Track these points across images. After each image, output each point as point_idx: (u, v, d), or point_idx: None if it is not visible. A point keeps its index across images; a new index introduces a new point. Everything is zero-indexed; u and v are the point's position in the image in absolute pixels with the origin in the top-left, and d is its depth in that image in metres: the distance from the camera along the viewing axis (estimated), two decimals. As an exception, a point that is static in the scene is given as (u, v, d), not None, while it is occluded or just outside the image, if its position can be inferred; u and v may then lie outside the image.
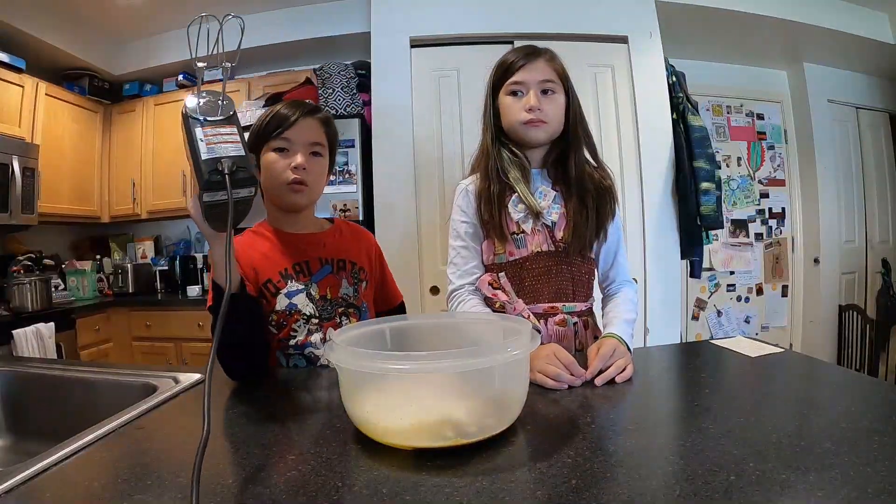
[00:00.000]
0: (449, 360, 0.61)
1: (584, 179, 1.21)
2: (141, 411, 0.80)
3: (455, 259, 1.26)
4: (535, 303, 1.18)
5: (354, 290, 1.19)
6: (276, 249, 1.14)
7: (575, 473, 0.55)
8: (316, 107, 1.18)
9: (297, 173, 1.09)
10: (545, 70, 1.17)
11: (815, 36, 3.26)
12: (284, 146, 1.10)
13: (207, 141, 0.78)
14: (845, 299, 3.76)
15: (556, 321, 1.18)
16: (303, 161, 1.09)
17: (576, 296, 1.21)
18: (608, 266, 1.28)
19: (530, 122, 1.16)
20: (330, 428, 0.73)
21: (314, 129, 1.13)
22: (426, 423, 0.63)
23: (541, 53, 1.19)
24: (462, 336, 0.88)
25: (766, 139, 3.76)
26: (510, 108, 1.19)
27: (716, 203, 2.58)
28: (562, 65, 1.21)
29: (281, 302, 1.10)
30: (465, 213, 1.25)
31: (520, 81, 1.17)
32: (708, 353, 1.08)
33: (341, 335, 0.75)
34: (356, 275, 1.20)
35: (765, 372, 0.94)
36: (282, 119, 1.10)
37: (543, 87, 1.16)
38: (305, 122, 1.12)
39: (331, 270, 1.17)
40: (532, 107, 1.15)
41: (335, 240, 1.22)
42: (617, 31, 2.72)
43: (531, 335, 0.70)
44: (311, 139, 1.12)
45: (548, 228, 1.19)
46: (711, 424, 0.67)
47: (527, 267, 1.19)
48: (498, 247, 1.21)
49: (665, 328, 2.65)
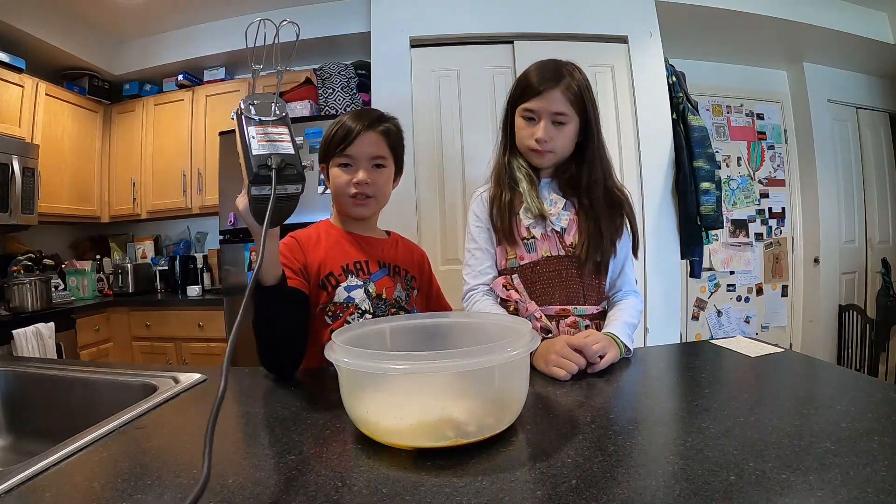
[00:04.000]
0: (449, 360, 0.61)
1: (596, 196, 1.22)
2: (141, 411, 0.80)
3: (470, 261, 1.29)
4: (547, 305, 1.21)
5: (406, 295, 1.25)
6: (340, 246, 1.20)
7: (575, 473, 0.55)
8: (378, 118, 1.21)
9: (359, 188, 1.15)
10: (559, 102, 1.16)
11: (815, 36, 3.26)
12: (347, 162, 1.16)
13: (259, 138, 0.80)
14: (845, 299, 3.76)
15: (567, 323, 1.20)
16: (364, 177, 1.14)
17: (587, 299, 1.23)
18: (616, 276, 1.30)
19: (536, 150, 1.20)
20: (330, 428, 0.73)
21: (375, 143, 1.17)
22: (426, 422, 0.63)
23: (559, 82, 1.16)
24: (463, 335, 0.88)
25: (766, 139, 3.77)
26: (521, 132, 1.23)
27: (716, 203, 2.58)
28: (580, 88, 1.18)
29: (340, 294, 1.15)
30: (479, 217, 1.29)
31: (533, 109, 1.18)
32: (708, 353, 1.08)
33: (341, 335, 0.75)
34: (409, 282, 1.27)
35: (764, 372, 0.94)
36: (344, 135, 1.15)
37: (555, 119, 1.18)
38: (366, 137, 1.15)
39: (387, 273, 1.23)
40: (539, 139, 1.18)
41: (393, 249, 1.29)
42: (617, 31, 2.72)
43: (531, 335, 0.70)
44: (372, 153, 1.16)
45: (557, 234, 1.22)
46: (711, 424, 0.67)
47: (538, 271, 1.21)
48: (510, 252, 1.24)
49: (665, 328, 2.66)
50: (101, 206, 3.59)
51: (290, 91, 2.95)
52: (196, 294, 3.31)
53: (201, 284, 3.43)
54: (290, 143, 0.82)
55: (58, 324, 2.67)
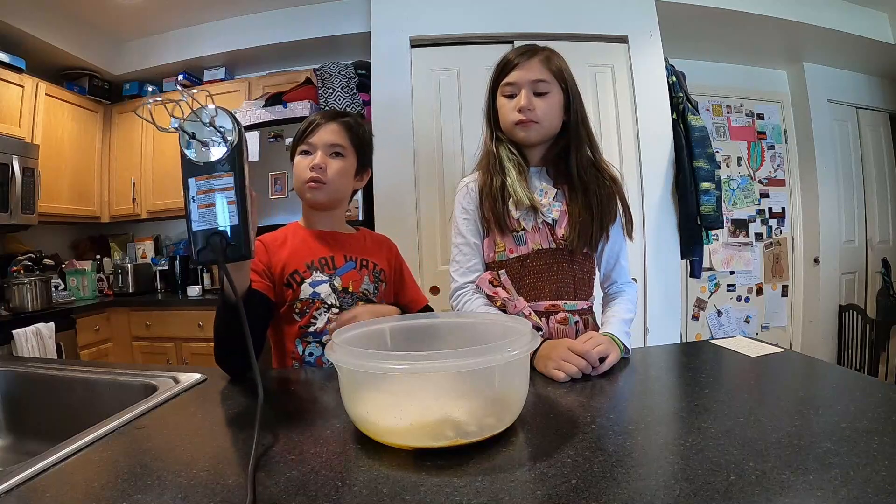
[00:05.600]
0: (449, 360, 0.61)
1: (586, 178, 1.20)
2: (141, 411, 0.80)
3: (457, 257, 1.26)
4: (536, 300, 1.18)
5: (374, 288, 1.27)
6: (306, 244, 1.24)
7: (575, 473, 0.55)
8: (341, 113, 1.28)
9: (314, 172, 1.19)
10: (538, 70, 1.16)
11: (815, 35, 3.26)
12: (308, 149, 1.23)
13: (199, 201, 0.70)
14: (845, 299, 3.76)
15: (557, 319, 1.18)
16: (319, 161, 1.19)
17: (577, 294, 1.21)
18: (610, 267, 1.28)
19: (521, 122, 1.16)
20: (330, 428, 0.73)
21: (333, 132, 1.23)
22: (426, 422, 0.62)
23: (536, 53, 1.18)
24: (463, 335, 0.88)
25: (766, 139, 3.76)
26: (504, 109, 1.20)
27: (716, 203, 2.58)
28: (560, 63, 1.19)
29: (305, 290, 1.18)
30: (466, 210, 1.25)
31: (512, 82, 1.17)
32: (708, 353, 1.08)
33: (341, 335, 0.75)
34: (377, 275, 1.29)
35: (765, 372, 0.94)
36: (305, 127, 1.24)
37: (536, 87, 1.16)
38: (326, 126, 1.22)
39: (354, 266, 1.25)
40: (522, 107, 1.15)
41: (360, 242, 1.32)
42: (617, 30, 2.72)
43: (531, 335, 0.70)
44: (329, 141, 1.22)
45: (548, 226, 1.19)
46: (711, 424, 0.67)
47: (527, 265, 1.19)
48: (499, 244, 1.21)
49: (665, 328, 2.65)
50: (102, 206, 3.59)
51: (290, 91, 2.95)
52: (196, 294, 3.31)
53: (201, 284, 3.42)
54: (235, 203, 0.71)
55: (58, 324, 2.67)
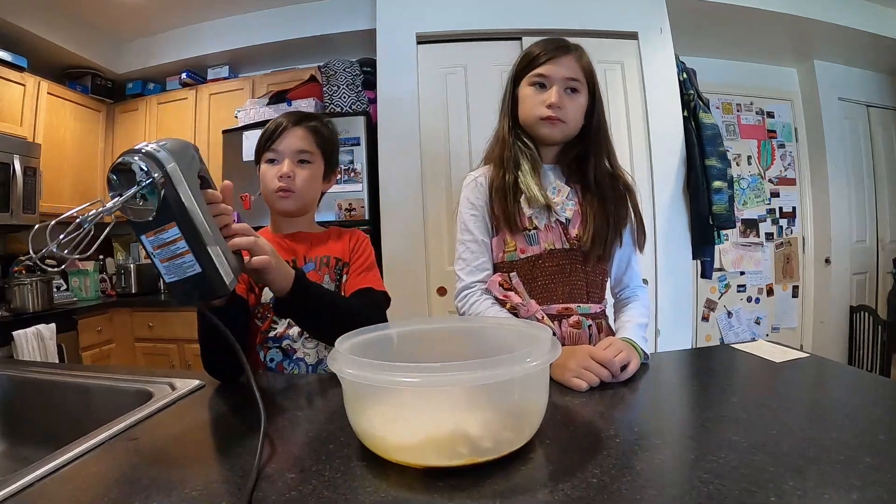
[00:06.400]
0: (464, 372, 0.56)
1: (604, 186, 1.16)
2: (134, 421, 0.76)
3: (463, 254, 1.19)
4: (548, 303, 1.13)
5: (337, 286, 1.19)
6: None
7: (602, 495, 0.51)
8: (306, 115, 1.23)
9: (282, 181, 1.14)
10: (573, 67, 1.12)
11: (826, 32, 3.21)
12: (273, 157, 1.17)
13: (159, 257, 0.70)
14: (856, 300, 3.71)
15: (570, 323, 1.12)
16: (287, 170, 1.15)
17: (590, 297, 1.16)
18: (622, 271, 1.23)
19: (548, 118, 1.11)
20: (333, 442, 0.68)
21: (300, 138, 1.18)
22: (438, 438, 0.58)
23: (570, 49, 1.14)
24: (476, 342, 0.83)
25: (777, 137, 3.71)
26: (530, 100, 1.14)
27: (728, 202, 2.53)
28: (590, 64, 1.16)
29: (266, 294, 1.13)
30: (474, 205, 1.19)
31: (545, 75, 1.12)
32: (729, 359, 1.04)
33: (345, 342, 0.70)
34: (339, 270, 1.21)
35: (792, 378, 0.90)
36: (271, 132, 1.18)
37: (568, 84, 1.12)
38: (292, 132, 1.17)
39: (313, 268, 1.19)
40: (553, 103, 1.10)
41: (324, 241, 1.25)
42: (627, 27, 2.67)
43: (551, 342, 0.65)
44: (296, 148, 1.17)
45: (562, 225, 1.14)
46: (742, 437, 0.62)
47: (539, 265, 1.13)
48: (509, 243, 1.15)
49: (676, 329, 2.60)
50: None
51: (294, 88, 2.91)
52: (198, 294, 3.27)
53: (204, 285, 3.39)
54: (190, 253, 0.70)
55: (59, 325, 2.64)
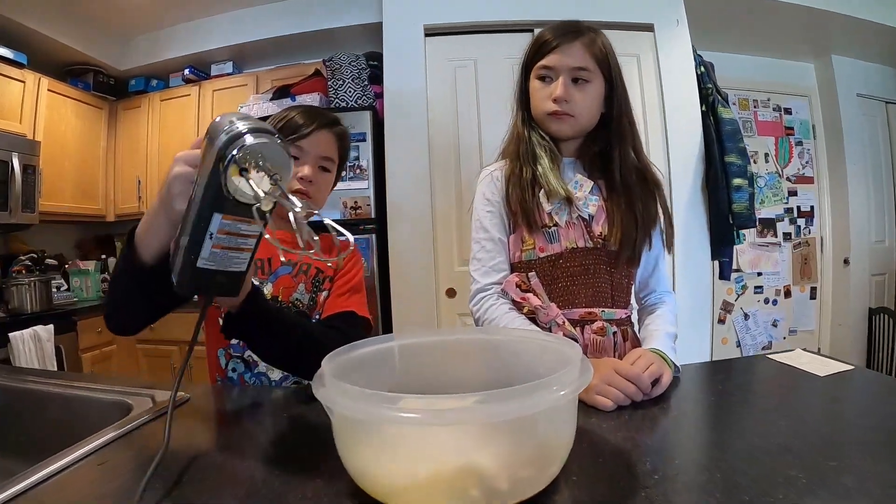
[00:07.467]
0: (478, 405, 0.45)
1: (630, 182, 1.06)
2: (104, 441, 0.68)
3: (478, 254, 1.10)
4: (570, 307, 1.03)
5: (311, 298, 1.08)
6: None
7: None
8: (335, 119, 1.14)
9: (301, 185, 1.05)
10: (580, 55, 1.02)
11: (844, 26, 3.12)
12: (296, 154, 1.05)
13: (215, 242, 0.58)
14: (875, 302, 3.60)
15: (593, 329, 1.03)
16: (310, 173, 1.06)
17: (615, 301, 1.06)
18: (648, 273, 1.14)
19: (554, 113, 1.03)
20: (321, 476, 0.57)
21: (328, 143, 1.10)
22: (443, 477, 0.47)
23: (580, 34, 1.03)
24: (492, 358, 0.72)
25: (794, 134, 3.60)
26: (536, 95, 1.07)
27: (748, 200, 2.43)
28: (605, 48, 1.04)
29: None
30: (490, 201, 1.10)
31: (549, 66, 1.03)
32: (768, 372, 0.93)
33: (332, 360, 0.57)
34: (318, 282, 1.10)
35: (842, 395, 0.80)
36: (298, 127, 1.06)
37: (575, 74, 1.02)
38: (321, 134, 1.08)
39: (289, 272, 1.08)
40: (557, 97, 1.01)
41: None
42: (642, 18, 2.59)
43: (581, 363, 0.54)
44: (322, 153, 1.09)
45: (584, 222, 1.04)
46: (801, 472, 0.53)
47: (560, 265, 1.04)
48: (527, 241, 1.06)
49: (694, 332, 2.51)
50: (106, 205, 3.51)
51: (298, 83, 2.83)
52: (201, 295, 3.20)
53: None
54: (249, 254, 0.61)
55: (58, 326, 2.56)
